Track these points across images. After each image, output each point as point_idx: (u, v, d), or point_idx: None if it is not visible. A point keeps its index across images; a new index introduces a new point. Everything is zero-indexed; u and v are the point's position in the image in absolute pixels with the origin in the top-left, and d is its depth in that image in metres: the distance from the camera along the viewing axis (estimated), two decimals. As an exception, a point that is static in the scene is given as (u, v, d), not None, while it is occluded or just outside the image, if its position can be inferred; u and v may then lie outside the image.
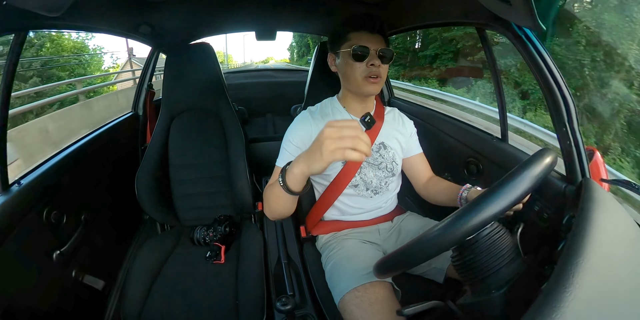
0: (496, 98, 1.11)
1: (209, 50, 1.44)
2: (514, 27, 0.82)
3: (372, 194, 1.03)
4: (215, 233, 1.28)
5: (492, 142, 1.12)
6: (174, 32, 1.63)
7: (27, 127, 4.35)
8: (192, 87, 1.44)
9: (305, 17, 1.79)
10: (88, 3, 0.93)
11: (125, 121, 1.70)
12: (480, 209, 0.50)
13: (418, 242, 0.53)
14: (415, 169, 1.08)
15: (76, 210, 1.12)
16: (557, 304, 0.38)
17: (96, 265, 1.17)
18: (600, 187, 0.68)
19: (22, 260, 0.86)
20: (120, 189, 1.45)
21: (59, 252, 0.98)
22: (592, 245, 0.47)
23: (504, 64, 8.48)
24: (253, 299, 1.01)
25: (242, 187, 1.37)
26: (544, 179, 0.54)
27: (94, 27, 1.20)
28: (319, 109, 1.04)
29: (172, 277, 1.14)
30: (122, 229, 1.50)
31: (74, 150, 1.22)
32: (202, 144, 1.45)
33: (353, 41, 0.90)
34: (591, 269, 0.43)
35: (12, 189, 0.88)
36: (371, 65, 0.89)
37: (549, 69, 0.77)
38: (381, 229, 1.07)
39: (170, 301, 1.04)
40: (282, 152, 0.98)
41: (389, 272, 0.61)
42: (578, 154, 0.76)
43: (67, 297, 1.01)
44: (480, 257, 0.55)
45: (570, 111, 0.76)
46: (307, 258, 1.10)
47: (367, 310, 0.77)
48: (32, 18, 0.82)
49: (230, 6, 1.48)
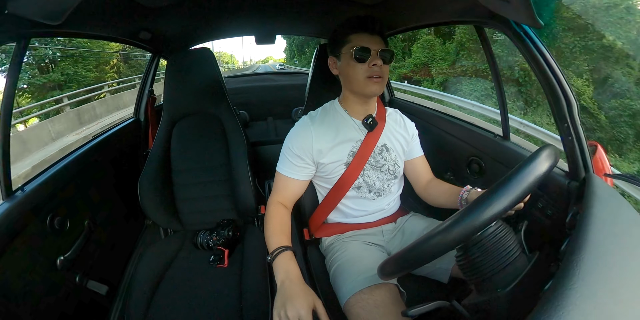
0: (496, 96, 1.11)
1: (209, 55, 1.45)
2: (512, 24, 0.82)
3: (375, 196, 1.03)
4: (218, 237, 1.28)
5: (494, 141, 1.12)
6: (173, 37, 1.64)
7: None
8: (193, 92, 1.45)
9: (304, 20, 1.80)
10: (88, 10, 0.94)
11: (127, 127, 1.71)
12: (485, 207, 0.50)
13: (422, 243, 0.53)
14: (416, 171, 1.08)
15: (79, 216, 1.13)
16: (564, 302, 0.37)
17: (100, 270, 1.17)
18: (604, 182, 0.67)
19: (27, 266, 0.86)
20: (123, 194, 1.45)
21: (62, 257, 0.98)
22: (597, 242, 0.46)
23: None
24: (257, 303, 1.01)
25: (244, 190, 1.37)
26: (547, 176, 0.54)
27: (95, 34, 1.22)
28: (319, 113, 1.03)
29: (175, 282, 1.14)
30: (125, 234, 1.51)
31: (77, 157, 1.23)
32: (204, 148, 1.45)
33: (354, 43, 0.90)
34: (597, 266, 0.42)
35: (16, 196, 0.89)
36: (373, 66, 0.89)
37: (548, 65, 0.77)
38: (385, 231, 1.06)
39: (174, 306, 1.04)
40: (283, 158, 0.99)
41: (393, 274, 0.60)
42: (580, 149, 0.76)
43: (71, 302, 1.01)
44: (485, 256, 0.55)
45: (571, 106, 0.76)
46: (310, 261, 1.10)
47: (373, 312, 0.76)
48: (34, 26, 0.83)
49: (229, 11, 1.49)
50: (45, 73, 16.37)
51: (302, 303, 0.67)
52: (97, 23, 1.12)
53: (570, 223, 0.63)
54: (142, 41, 1.48)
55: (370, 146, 0.99)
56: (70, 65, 16.82)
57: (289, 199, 0.99)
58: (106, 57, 18.94)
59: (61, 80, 16.32)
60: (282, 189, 0.99)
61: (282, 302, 0.68)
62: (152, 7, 1.15)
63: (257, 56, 65.39)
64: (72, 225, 1.06)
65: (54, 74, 16.26)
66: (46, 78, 16.03)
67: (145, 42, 1.51)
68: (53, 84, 16.19)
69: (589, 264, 0.42)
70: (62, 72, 16.46)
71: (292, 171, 0.97)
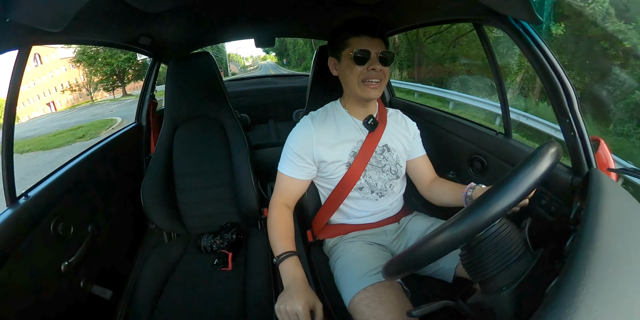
0: (497, 93, 1.10)
1: (210, 59, 1.46)
2: (511, 21, 0.82)
3: (377, 197, 1.03)
4: (222, 240, 1.28)
5: (496, 138, 1.11)
6: (173, 42, 1.65)
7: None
8: (194, 96, 1.45)
9: (303, 22, 1.81)
10: (88, 17, 0.95)
11: (129, 132, 1.72)
12: (488, 205, 0.49)
13: (426, 242, 0.52)
14: (418, 171, 1.08)
15: (83, 221, 1.13)
16: (570, 299, 0.37)
17: (104, 275, 1.18)
18: (608, 177, 0.67)
19: (31, 272, 0.86)
20: (126, 198, 1.46)
21: (67, 263, 0.98)
22: (602, 238, 0.45)
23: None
24: (261, 305, 1.00)
25: (247, 193, 1.37)
26: (550, 172, 0.53)
27: (95, 41, 1.23)
28: (320, 113, 1.04)
29: (180, 285, 1.14)
30: (129, 239, 1.51)
31: (80, 162, 1.24)
32: (206, 152, 1.46)
33: (354, 46, 0.90)
34: (603, 262, 0.42)
35: (20, 202, 0.89)
36: (372, 70, 0.89)
37: (548, 60, 0.77)
38: (388, 231, 1.06)
39: (178, 309, 1.04)
40: (284, 158, 0.99)
41: (397, 274, 0.60)
42: (583, 144, 0.75)
43: (76, 307, 1.01)
44: (489, 255, 0.54)
45: (572, 102, 0.75)
46: (314, 262, 1.09)
47: (379, 309, 0.76)
48: (35, 34, 0.84)
49: (229, 15, 1.50)
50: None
51: (301, 300, 0.72)
52: (97, 29, 1.13)
53: (574, 219, 0.63)
54: (143, 47, 1.49)
55: (372, 146, 0.99)
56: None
57: (291, 199, 1.00)
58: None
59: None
60: (283, 189, 0.99)
61: (284, 299, 0.73)
62: (152, 12, 1.16)
63: (255, 53, 67.79)
64: (76, 230, 1.06)
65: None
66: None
67: (145, 48, 1.52)
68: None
69: (595, 260, 0.42)
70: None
71: (294, 171, 0.97)
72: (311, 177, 1.01)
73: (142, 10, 1.09)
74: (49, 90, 10.94)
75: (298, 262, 0.84)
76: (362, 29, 0.91)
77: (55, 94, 11.65)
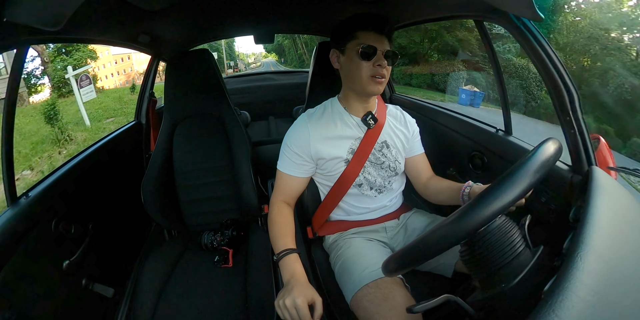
0: (497, 90, 1.10)
1: (209, 57, 1.45)
2: (512, 18, 0.81)
3: (377, 193, 1.03)
4: (223, 237, 1.29)
5: (496, 135, 1.11)
6: (172, 40, 1.64)
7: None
8: (193, 93, 1.45)
9: (303, 18, 1.79)
10: (86, 15, 0.94)
11: (129, 130, 1.71)
12: (489, 201, 0.49)
13: (426, 239, 0.53)
14: (416, 168, 1.07)
15: (84, 220, 1.13)
16: (568, 296, 0.37)
17: (105, 273, 1.18)
18: (608, 176, 0.67)
19: (33, 271, 0.87)
20: (126, 197, 1.46)
21: (68, 261, 0.99)
22: (601, 235, 0.46)
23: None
24: (263, 302, 1.01)
25: (247, 190, 1.37)
26: (550, 169, 0.53)
27: (93, 39, 1.22)
28: (318, 111, 1.03)
29: (181, 283, 1.15)
30: (130, 237, 1.51)
31: (80, 161, 1.24)
32: (206, 149, 1.45)
33: (361, 40, 0.89)
34: (601, 260, 0.42)
35: (21, 202, 0.90)
36: (378, 66, 0.88)
37: (549, 57, 0.77)
38: (388, 227, 1.06)
39: (180, 306, 1.05)
40: (282, 156, 0.99)
41: (397, 270, 0.60)
42: (583, 142, 0.75)
43: (78, 305, 1.02)
44: (489, 251, 0.55)
45: (573, 99, 0.75)
46: (315, 259, 1.10)
47: (382, 304, 0.76)
48: (33, 33, 0.83)
49: (227, 12, 1.48)
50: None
51: (300, 294, 0.72)
52: (95, 28, 1.12)
53: (573, 217, 0.63)
54: (141, 44, 1.48)
55: (371, 143, 0.99)
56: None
57: (291, 197, 1.00)
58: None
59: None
60: (283, 187, 0.99)
61: (283, 294, 0.74)
62: (151, 10, 1.15)
63: (256, 50, 67.78)
64: (77, 229, 1.06)
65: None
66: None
67: (144, 46, 1.51)
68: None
69: (593, 258, 0.42)
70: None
71: (292, 169, 0.97)
72: (310, 174, 1.01)
73: (141, 7, 1.08)
74: (111, 73, 16.75)
75: (298, 259, 0.84)
76: (371, 24, 0.90)
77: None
